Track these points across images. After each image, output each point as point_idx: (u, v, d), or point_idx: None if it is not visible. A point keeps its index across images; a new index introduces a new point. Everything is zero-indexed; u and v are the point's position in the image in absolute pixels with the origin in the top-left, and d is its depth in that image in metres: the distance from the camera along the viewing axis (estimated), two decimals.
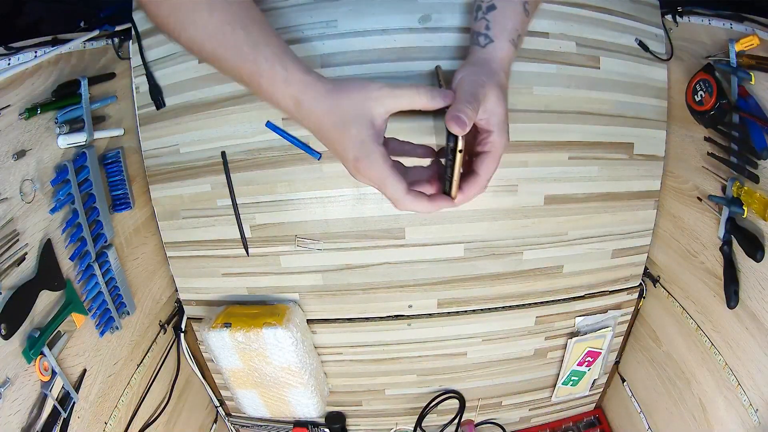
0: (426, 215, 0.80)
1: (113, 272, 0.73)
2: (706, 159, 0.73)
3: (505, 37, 0.57)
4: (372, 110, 0.49)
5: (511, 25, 0.57)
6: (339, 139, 0.50)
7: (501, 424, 1.09)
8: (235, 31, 0.48)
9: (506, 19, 0.57)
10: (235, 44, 0.49)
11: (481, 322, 0.91)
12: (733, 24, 0.65)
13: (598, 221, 0.84)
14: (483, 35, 0.58)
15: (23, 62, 0.55)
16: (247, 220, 0.81)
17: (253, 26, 0.49)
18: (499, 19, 0.57)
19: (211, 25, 0.48)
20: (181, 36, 0.50)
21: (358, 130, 0.49)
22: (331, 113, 0.49)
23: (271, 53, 0.49)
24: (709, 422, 0.80)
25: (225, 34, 0.48)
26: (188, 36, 0.50)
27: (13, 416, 0.55)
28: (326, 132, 0.50)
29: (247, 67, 0.49)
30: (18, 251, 0.55)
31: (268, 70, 0.49)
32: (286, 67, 0.49)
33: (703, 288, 0.79)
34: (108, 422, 0.73)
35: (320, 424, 1.05)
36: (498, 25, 0.57)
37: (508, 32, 0.57)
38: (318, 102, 0.49)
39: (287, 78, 0.49)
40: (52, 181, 0.61)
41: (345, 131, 0.49)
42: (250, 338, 0.80)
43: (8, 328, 0.53)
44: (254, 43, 0.49)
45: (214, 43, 0.49)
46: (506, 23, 0.57)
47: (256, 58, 0.48)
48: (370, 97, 0.48)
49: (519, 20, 0.57)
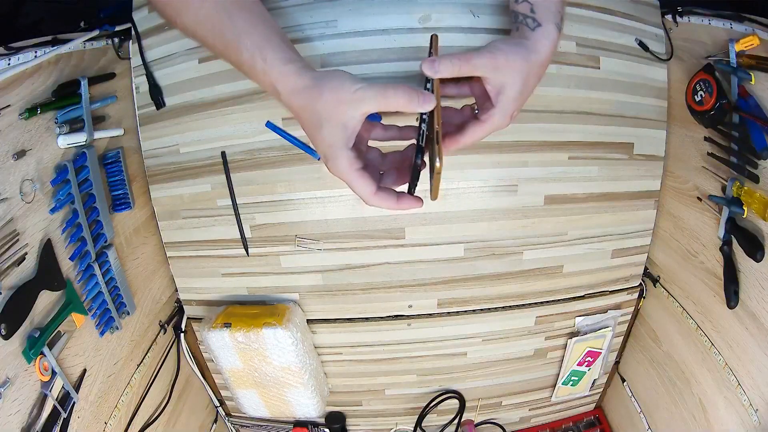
0: (425, 215, 0.80)
1: (113, 272, 0.73)
2: (706, 159, 0.73)
3: (551, 20, 0.55)
4: (344, 114, 0.48)
5: (554, 7, 0.56)
6: (312, 136, 0.51)
7: (501, 424, 1.09)
8: (222, 19, 0.49)
9: (549, 1, 0.56)
10: (222, 31, 0.49)
11: (481, 322, 0.91)
12: (733, 24, 0.65)
13: (598, 221, 0.84)
14: (530, 18, 0.55)
15: (23, 62, 0.55)
16: (247, 220, 0.81)
17: (240, 14, 0.49)
18: (542, 1, 0.56)
19: (202, 12, 0.49)
20: (177, 21, 0.51)
21: (328, 132, 0.48)
22: (305, 110, 0.49)
23: (251, 43, 0.49)
24: (709, 422, 0.80)
25: (213, 21, 0.49)
26: (182, 22, 0.51)
27: (13, 416, 0.55)
28: (303, 125, 0.51)
29: (232, 55, 0.50)
30: (18, 251, 0.55)
31: (248, 60, 0.49)
32: (264, 58, 0.48)
33: (703, 288, 0.79)
34: (108, 422, 0.73)
35: (320, 424, 1.05)
36: (542, 8, 0.55)
37: (553, 15, 0.55)
38: (294, 97, 0.49)
39: (265, 69, 0.49)
40: (52, 181, 0.61)
41: (317, 131, 0.49)
42: (250, 338, 0.80)
43: (8, 328, 0.53)
44: (238, 31, 0.49)
45: (205, 29, 0.50)
46: (550, 5, 0.55)
47: (239, 47, 0.49)
48: (342, 101, 0.47)
49: (559, 1, 0.56)
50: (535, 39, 0.54)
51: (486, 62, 0.50)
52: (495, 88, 0.52)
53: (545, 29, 0.54)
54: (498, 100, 0.52)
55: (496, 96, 0.52)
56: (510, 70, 0.51)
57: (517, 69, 0.51)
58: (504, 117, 0.53)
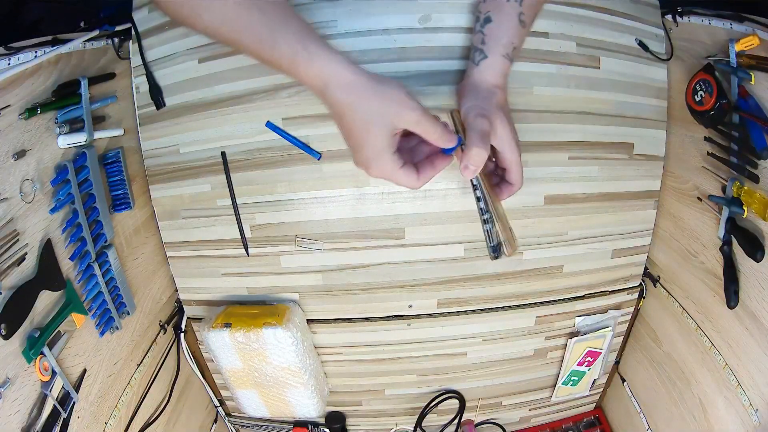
0: (425, 215, 0.79)
1: (113, 272, 0.73)
2: (706, 159, 0.73)
3: (499, 52, 0.59)
4: (394, 121, 0.50)
5: (506, 38, 0.59)
6: (358, 135, 0.51)
7: (501, 424, 1.09)
8: (252, 14, 0.47)
9: (501, 32, 0.59)
10: (251, 27, 0.48)
11: (481, 322, 0.91)
12: (733, 24, 0.65)
13: (598, 221, 0.84)
14: (478, 51, 0.60)
15: (23, 62, 0.55)
16: (247, 220, 0.81)
17: (269, 7, 0.48)
18: (494, 32, 0.59)
19: (227, 9, 0.47)
20: (197, 23, 0.49)
21: (377, 135, 0.50)
22: (353, 106, 0.49)
23: (290, 34, 0.48)
24: (709, 422, 0.80)
25: (241, 17, 0.47)
26: (204, 23, 0.49)
27: (13, 416, 0.55)
28: (347, 122, 0.51)
29: (266, 50, 0.48)
30: (18, 251, 0.55)
31: (288, 53, 0.48)
32: (307, 49, 0.48)
33: (703, 288, 0.79)
34: (108, 422, 0.73)
35: (320, 424, 1.05)
36: (492, 39, 0.59)
37: (502, 46, 0.59)
38: (344, 90, 0.49)
39: (311, 60, 0.48)
40: (52, 181, 0.61)
41: (366, 131, 0.50)
42: (250, 338, 0.80)
43: (8, 328, 0.53)
44: (273, 25, 0.48)
45: (231, 27, 0.48)
46: (501, 37, 0.59)
47: (275, 40, 0.48)
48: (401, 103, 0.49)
49: (514, 32, 0.59)
50: (479, 76, 0.60)
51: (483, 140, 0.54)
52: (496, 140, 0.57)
53: (490, 61, 0.59)
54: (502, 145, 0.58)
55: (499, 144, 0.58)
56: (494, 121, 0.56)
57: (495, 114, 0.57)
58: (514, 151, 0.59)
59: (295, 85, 0.73)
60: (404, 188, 0.67)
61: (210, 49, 0.73)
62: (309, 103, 0.74)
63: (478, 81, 0.60)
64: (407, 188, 0.56)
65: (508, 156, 0.58)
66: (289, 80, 0.73)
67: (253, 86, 0.74)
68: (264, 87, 0.74)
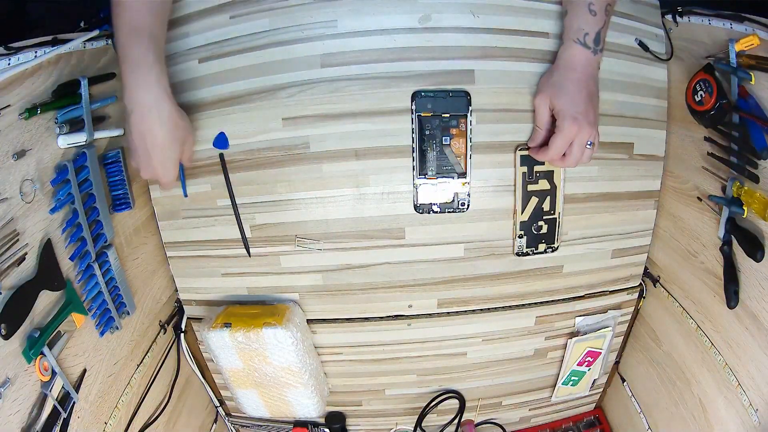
0: (425, 215, 0.79)
1: (113, 272, 0.73)
2: (706, 159, 0.73)
3: (569, 37, 0.68)
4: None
5: (576, 26, 0.67)
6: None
7: (501, 424, 1.09)
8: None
9: (572, 21, 0.68)
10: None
11: (481, 322, 0.91)
12: (733, 24, 0.65)
13: (598, 221, 0.84)
14: (560, 39, 0.70)
15: (23, 62, 0.55)
16: (247, 220, 0.81)
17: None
18: (567, 22, 0.69)
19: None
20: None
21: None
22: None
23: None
24: (709, 422, 0.80)
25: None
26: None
27: (13, 416, 0.55)
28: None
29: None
30: (18, 251, 0.55)
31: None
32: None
33: (703, 288, 0.79)
34: (108, 422, 0.73)
35: (320, 424, 1.05)
36: (566, 28, 0.69)
37: (573, 32, 0.67)
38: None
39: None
40: (52, 181, 0.61)
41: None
42: (250, 338, 0.80)
43: (8, 328, 0.53)
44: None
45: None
46: (572, 25, 0.67)
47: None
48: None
49: (583, 20, 0.66)
50: (558, 56, 0.70)
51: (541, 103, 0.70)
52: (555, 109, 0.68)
53: (565, 46, 0.69)
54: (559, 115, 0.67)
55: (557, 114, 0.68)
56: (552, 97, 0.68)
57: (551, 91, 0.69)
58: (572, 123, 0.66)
59: (295, 85, 0.73)
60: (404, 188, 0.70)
61: (210, 50, 0.73)
62: (309, 103, 0.74)
63: (556, 63, 0.70)
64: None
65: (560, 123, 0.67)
66: (289, 80, 0.73)
67: (253, 86, 0.74)
68: (264, 87, 0.74)
